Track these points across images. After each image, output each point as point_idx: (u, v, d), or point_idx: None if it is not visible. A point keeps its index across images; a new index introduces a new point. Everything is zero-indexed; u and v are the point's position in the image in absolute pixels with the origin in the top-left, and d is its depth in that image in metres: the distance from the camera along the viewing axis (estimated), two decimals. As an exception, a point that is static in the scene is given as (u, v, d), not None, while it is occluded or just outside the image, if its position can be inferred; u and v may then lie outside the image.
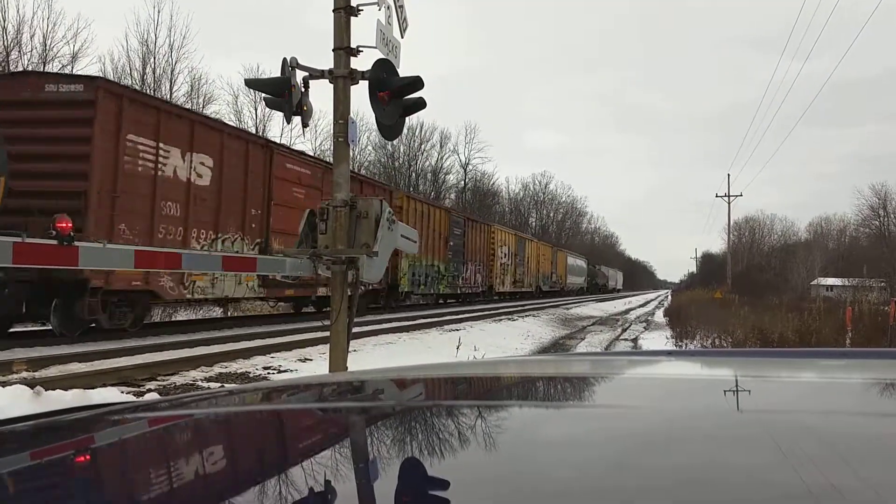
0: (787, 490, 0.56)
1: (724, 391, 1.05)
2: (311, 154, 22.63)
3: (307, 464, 0.70)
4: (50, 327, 11.88)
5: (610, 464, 0.66)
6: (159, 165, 11.47)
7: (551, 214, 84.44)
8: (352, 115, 6.28)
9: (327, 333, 6.38)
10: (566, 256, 57.23)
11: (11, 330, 11.32)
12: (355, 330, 8.04)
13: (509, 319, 21.41)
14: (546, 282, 47.24)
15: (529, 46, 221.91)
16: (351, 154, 6.80)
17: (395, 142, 46.51)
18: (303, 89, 6.01)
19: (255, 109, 37.33)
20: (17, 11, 26.29)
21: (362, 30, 6.20)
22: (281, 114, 6.15)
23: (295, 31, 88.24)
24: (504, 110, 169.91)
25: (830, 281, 53.02)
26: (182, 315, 18.47)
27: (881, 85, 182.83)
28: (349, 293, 6.26)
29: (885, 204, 62.85)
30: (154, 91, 29.02)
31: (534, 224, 78.17)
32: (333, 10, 6.15)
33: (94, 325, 11.00)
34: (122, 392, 6.52)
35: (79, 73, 21.34)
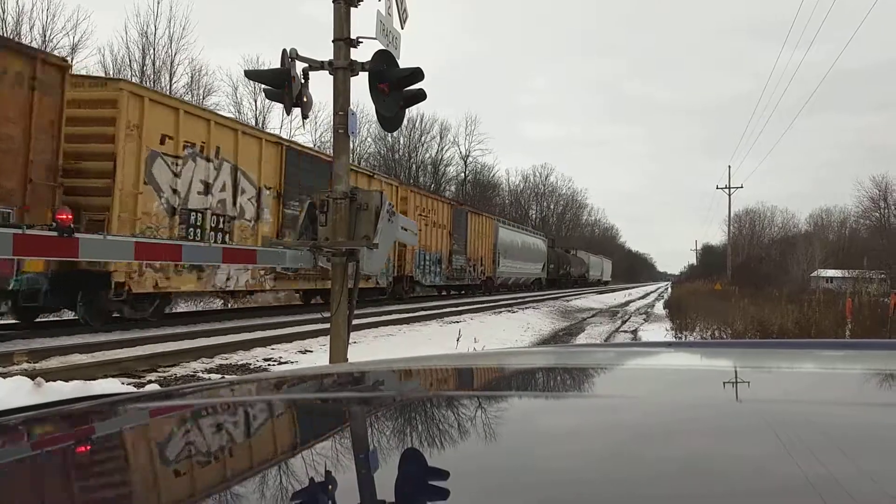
0: (787, 480, 0.56)
1: (724, 382, 1.05)
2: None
3: (308, 454, 0.70)
4: (54, 318, 11.93)
5: (609, 454, 0.66)
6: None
7: (551, 206, 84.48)
8: (352, 106, 6.26)
9: (327, 325, 6.39)
10: (496, 227, 33.60)
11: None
12: (356, 322, 8.06)
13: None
14: (434, 270, 25.17)
15: (527, 37, 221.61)
16: (351, 146, 6.79)
17: (395, 133, 46.52)
18: (302, 81, 5.99)
19: (255, 101, 37.38)
20: (17, 2, 26.24)
21: (362, 20, 6.19)
22: (281, 105, 6.14)
23: (294, 21, 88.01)
24: (502, 102, 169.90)
25: (830, 272, 52.99)
26: (182, 307, 18.49)
27: (882, 74, 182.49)
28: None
29: (885, 195, 62.96)
30: (154, 83, 28.98)
31: (534, 216, 78.19)
32: (333, 1, 6.12)
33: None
34: (123, 383, 6.53)
35: (78, 65, 21.23)
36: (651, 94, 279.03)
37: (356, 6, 6.16)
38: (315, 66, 6.11)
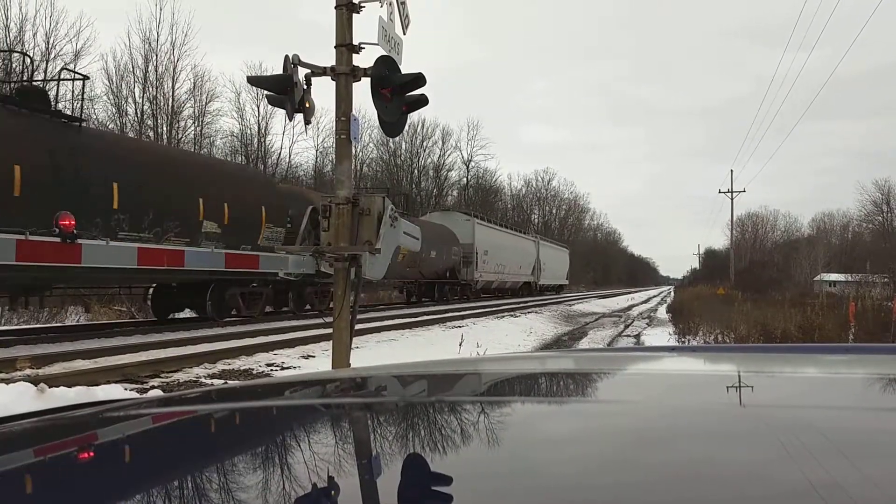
0: (790, 486, 0.56)
1: (727, 387, 1.05)
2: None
3: (310, 460, 0.70)
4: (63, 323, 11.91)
5: (613, 459, 0.66)
6: None
7: (554, 211, 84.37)
8: (354, 111, 6.27)
9: (330, 330, 6.38)
10: None
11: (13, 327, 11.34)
12: (358, 326, 8.05)
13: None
14: None
15: (527, 40, 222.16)
16: (353, 151, 6.80)
17: (396, 139, 46.45)
18: (305, 86, 6.00)
19: (258, 107, 37.40)
20: (20, 9, 26.31)
21: (364, 26, 6.20)
22: (283, 111, 6.15)
23: (297, 27, 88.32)
24: (504, 106, 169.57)
25: (833, 276, 52.87)
26: (185, 312, 18.49)
27: (883, 78, 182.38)
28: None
29: (888, 199, 63.04)
30: (156, 89, 29.04)
31: (536, 221, 78.06)
32: (335, 7, 6.14)
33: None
34: (126, 389, 6.53)
35: (81, 70, 21.21)
36: (653, 98, 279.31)
37: (358, 12, 6.17)
38: (317, 71, 6.12)
